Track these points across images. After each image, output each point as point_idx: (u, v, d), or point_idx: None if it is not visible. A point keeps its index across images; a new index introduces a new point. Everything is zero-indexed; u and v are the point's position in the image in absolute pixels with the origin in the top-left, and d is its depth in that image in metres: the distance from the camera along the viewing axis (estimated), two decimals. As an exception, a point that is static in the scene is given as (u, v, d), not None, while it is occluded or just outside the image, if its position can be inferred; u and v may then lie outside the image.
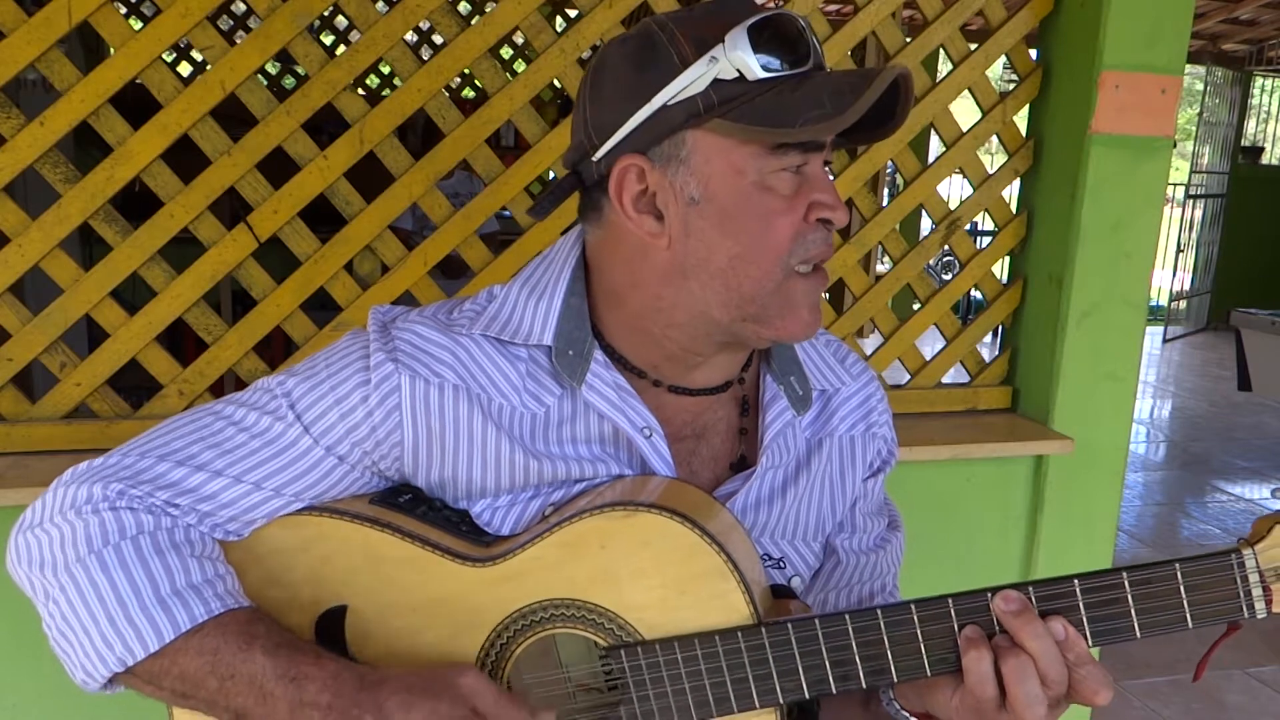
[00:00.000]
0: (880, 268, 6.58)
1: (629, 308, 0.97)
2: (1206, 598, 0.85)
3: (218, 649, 0.85)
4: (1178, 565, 0.85)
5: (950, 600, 0.86)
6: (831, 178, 0.96)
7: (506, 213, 2.05)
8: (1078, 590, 0.86)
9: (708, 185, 0.90)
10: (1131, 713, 3.23)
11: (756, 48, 0.88)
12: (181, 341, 3.84)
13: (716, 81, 0.88)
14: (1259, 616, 0.86)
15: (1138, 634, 0.86)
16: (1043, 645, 0.84)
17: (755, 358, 1.06)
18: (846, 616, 0.87)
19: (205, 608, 0.86)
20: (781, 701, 0.88)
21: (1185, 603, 0.85)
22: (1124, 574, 0.85)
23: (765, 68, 0.88)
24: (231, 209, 2.20)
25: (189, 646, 0.85)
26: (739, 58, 0.88)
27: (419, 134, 4.73)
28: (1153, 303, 8.07)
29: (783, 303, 0.92)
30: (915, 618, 0.86)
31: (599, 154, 0.94)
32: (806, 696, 0.88)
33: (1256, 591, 0.85)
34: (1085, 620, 0.86)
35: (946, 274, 8.97)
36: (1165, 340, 9.43)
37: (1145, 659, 3.54)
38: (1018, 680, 0.83)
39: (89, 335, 2.70)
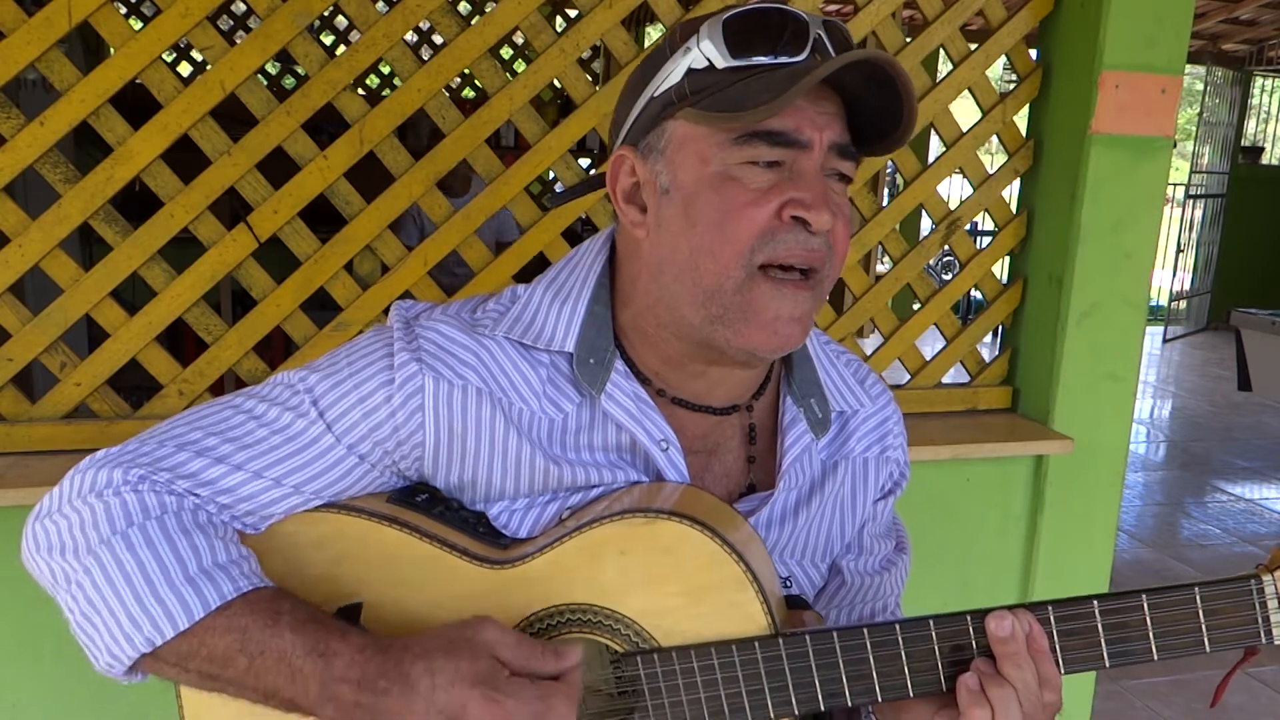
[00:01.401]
0: (880, 268, 6.58)
1: (632, 306, 0.97)
2: (1224, 622, 0.86)
3: (246, 627, 0.84)
4: (1197, 589, 0.85)
5: (968, 617, 0.86)
6: (838, 185, 0.92)
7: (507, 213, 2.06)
8: (1097, 611, 0.86)
9: (676, 175, 0.90)
10: (1133, 713, 3.23)
11: (729, 37, 0.87)
12: (181, 341, 3.84)
13: (690, 71, 0.88)
14: (1276, 643, 0.86)
15: (1155, 656, 0.86)
16: (1023, 676, 0.85)
17: (770, 382, 1.04)
18: (865, 631, 0.87)
19: (234, 585, 0.85)
20: (797, 713, 0.88)
21: (1203, 627, 0.86)
22: (1143, 596, 0.86)
23: (737, 57, 0.87)
24: (231, 209, 2.20)
25: (217, 625, 0.84)
26: (708, 46, 0.87)
27: (420, 135, 4.73)
28: (1153, 303, 8.07)
29: (745, 305, 0.88)
30: (934, 633, 0.86)
31: (613, 150, 0.96)
32: (822, 709, 0.88)
33: (1276, 617, 0.86)
34: (1103, 641, 0.86)
35: (946, 274, 8.98)
36: (1165, 340, 9.43)
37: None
38: (1001, 709, 0.84)
39: (89, 335, 2.70)
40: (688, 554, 0.87)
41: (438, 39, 4.81)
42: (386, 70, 5.58)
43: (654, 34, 7.27)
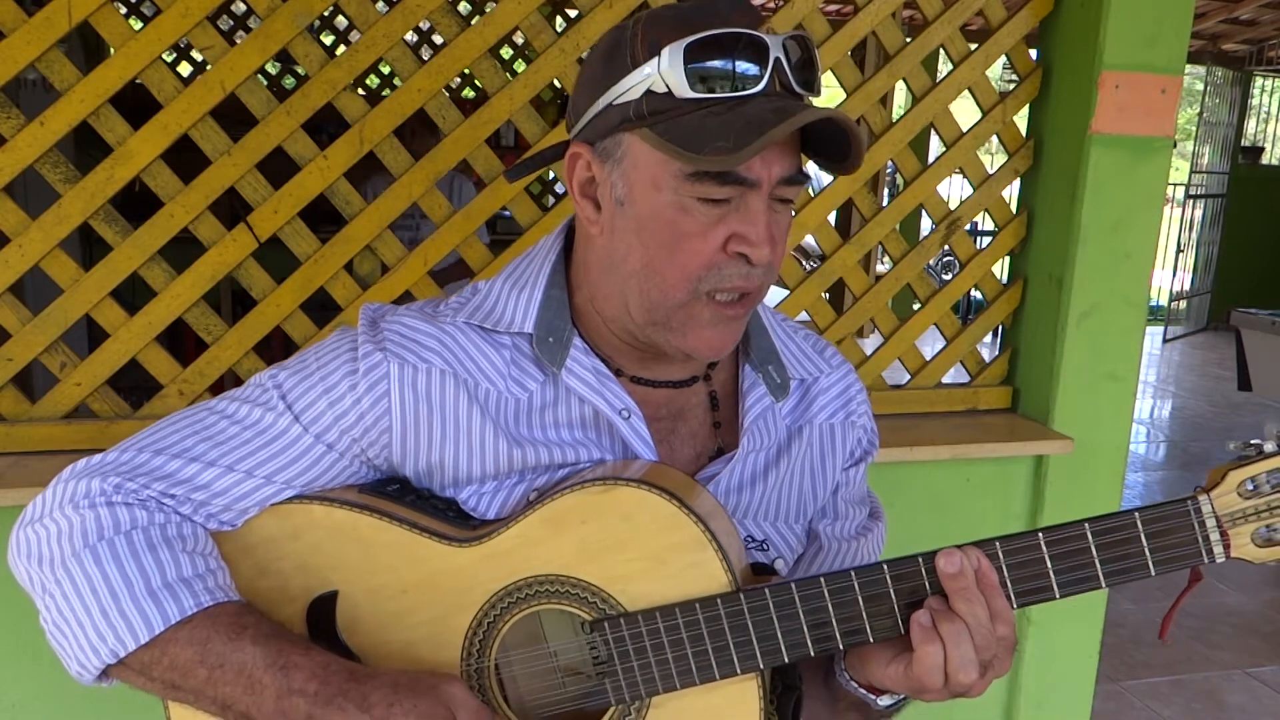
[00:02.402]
0: (880, 268, 6.58)
1: (584, 291, 1.01)
2: (1167, 544, 0.88)
3: (208, 639, 0.87)
4: (1137, 514, 0.88)
5: (920, 559, 0.89)
6: (782, 207, 0.94)
7: (507, 213, 2.06)
8: (1042, 543, 0.88)
9: (631, 191, 0.92)
10: (1132, 713, 3.23)
11: (689, 65, 0.87)
12: (181, 341, 3.84)
13: (649, 92, 0.89)
14: (1218, 561, 0.88)
15: (1103, 583, 0.88)
16: (974, 611, 0.86)
17: (726, 355, 1.06)
18: (822, 580, 0.89)
19: (195, 600, 0.88)
20: (761, 667, 0.90)
21: (1147, 550, 0.88)
22: (1086, 525, 0.88)
23: (696, 88, 0.87)
24: (231, 209, 2.20)
25: (179, 637, 0.87)
26: (669, 73, 0.88)
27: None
28: (1153, 303, 8.07)
29: (686, 319, 0.93)
30: (888, 577, 0.89)
31: (570, 137, 0.98)
32: (786, 660, 0.90)
33: (1215, 536, 0.88)
34: (1051, 571, 0.88)
35: (946, 274, 8.98)
36: (1165, 340, 9.44)
37: (1145, 659, 3.54)
38: (954, 644, 0.86)
39: (89, 335, 2.70)
40: (647, 518, 0.89)
41: (438, 39, 4.81)
42: (386, 70, 5.58)
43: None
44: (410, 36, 4.92)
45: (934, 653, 0.86)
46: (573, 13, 5.46)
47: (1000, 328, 2.46)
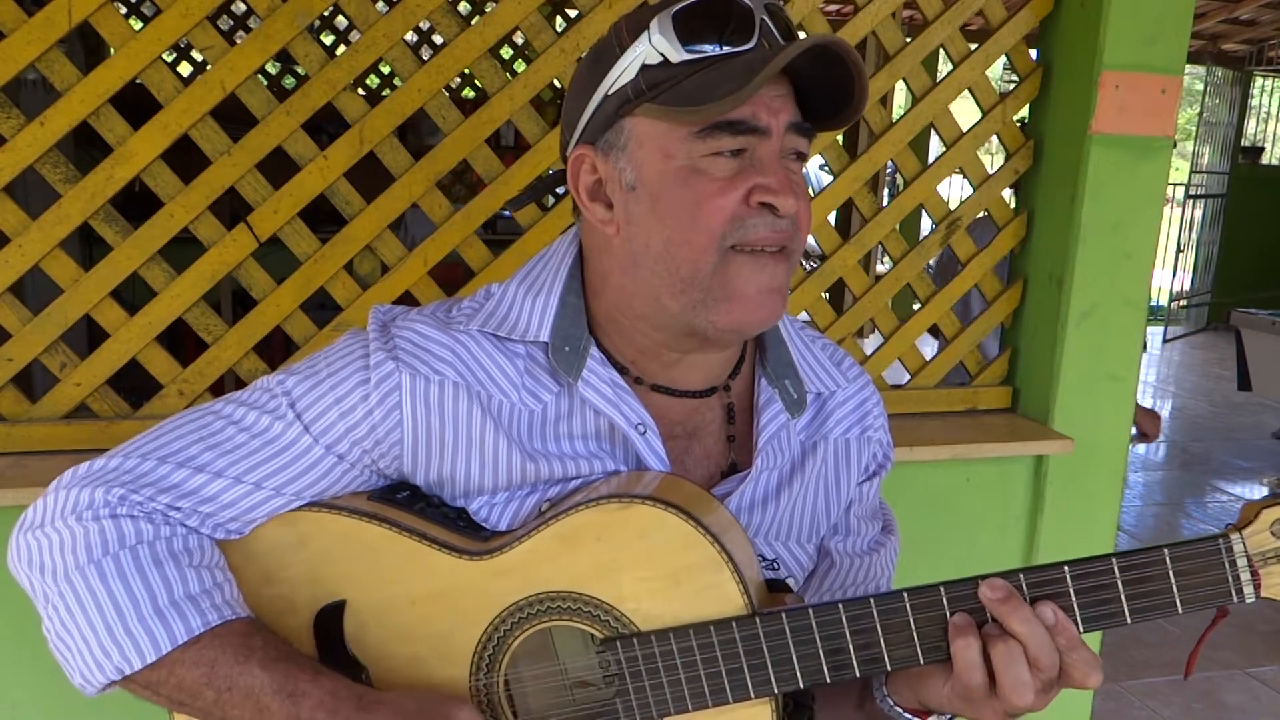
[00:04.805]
0: (880, 268, 6.58)
1: (604, 300, 0.98)
2: (1196, 582, 0.86)
3: (215, 661, 0.85)
4: (1166, 551, 0.85)
5: (942, 588, 0.87)
6: (795, 164, 0.93)
7: (506, 213, 2.06)
8: (1068, 577, 0.87)
9: (640, 171, 0.91)
10: (1132, 713, 3.23)
11: (680, 30, 0.88)
12: (181, 341, 3.83)
13: (645, 67, 0.89)
14: (1248, 601, 0.87)
15: (1128, 620, 0.86)
16: (1031, 629, 0.84)
17: (745, 364, 1.05)
18: (840, 606, 0.87)
19: (202, 619, 0.86)
20: (776, 692, 0.89)
21: (1175, 588, 0.86)
22: (1114, 560, 0.86)
23: (690, 49, 0.87)
24: (231, 209, 2.20)
25: (186, 658, 0.86)
26: (660, 41, 0.88)
27: (420, 135, 4.72)
28: (1153, 303, 8.07)
29: (724, 284, 0.90)
30: (908, 606, 0.87)
31: (569, 148, 0.97)
32: (801, 686, 0.89)
33: (1245, 576, 0.86)
34: (1076, 606, 0.86)
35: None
36: (1165, 340, 9.43)
37: (1145, 659, 3.54)
38: (1006, 665, 0.84)
39: (89, 335, 2.70)
40: (663, 538, 0.88)
41: (438, 39, 4.80)
42: (386, 70, 5.58)
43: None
44: (410, 36, 4.92)
45: (970, 645, 0.85)
46: (573, 13, 5.46)
47: (1000, 328, 2.46)
